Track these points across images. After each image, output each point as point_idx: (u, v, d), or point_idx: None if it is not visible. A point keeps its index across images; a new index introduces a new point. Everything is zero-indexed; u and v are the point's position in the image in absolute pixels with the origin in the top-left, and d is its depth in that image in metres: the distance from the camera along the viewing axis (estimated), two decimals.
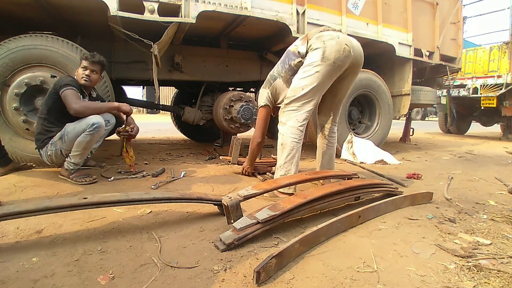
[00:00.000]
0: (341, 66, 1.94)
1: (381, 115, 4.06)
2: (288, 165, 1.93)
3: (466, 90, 7.37)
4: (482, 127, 8.88)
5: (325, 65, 1.88)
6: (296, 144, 1.93)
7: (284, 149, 1.94)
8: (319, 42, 1.91)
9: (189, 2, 2.66)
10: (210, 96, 4.07)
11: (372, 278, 1.08)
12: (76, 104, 2.11)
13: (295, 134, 1.93)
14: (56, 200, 1.40)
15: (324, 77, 1.91)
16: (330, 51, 1.87)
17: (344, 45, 1.89)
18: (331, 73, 1.93)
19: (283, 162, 1.94)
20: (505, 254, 1.27)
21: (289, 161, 1.93)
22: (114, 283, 1.01)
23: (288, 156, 1.92)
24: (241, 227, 1.30)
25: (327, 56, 1.87)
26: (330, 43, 1.88)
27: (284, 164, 1.94)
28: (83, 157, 2.23)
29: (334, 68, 1.91)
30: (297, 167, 1.96)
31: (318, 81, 1.90)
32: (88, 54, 2.30)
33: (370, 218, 1.63)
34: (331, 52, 1.87)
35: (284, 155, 1.93)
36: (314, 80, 1.89)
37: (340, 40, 1.90)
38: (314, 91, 1.92)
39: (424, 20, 4.34)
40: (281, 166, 1.95)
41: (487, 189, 2.40)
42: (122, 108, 2.34)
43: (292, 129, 1.93)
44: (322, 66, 1.88)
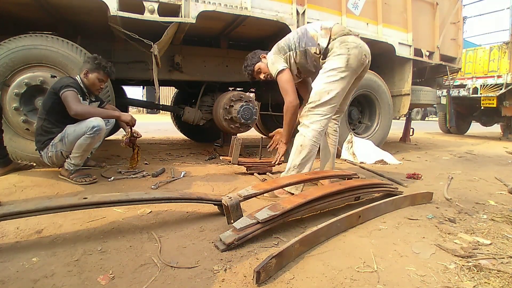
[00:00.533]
0: (357, 73, 2.04)
1: (381, 115, 4.06)
2: (302, 167, 1.98)
3: (466, 90, 7.37)
4: (482, 127, 8.88)
5: (349, 72, 1.97)
6: (315, 148, 1.99)
7: (303, 151, 1.96)
8: (343, 48, 1.96)
9: (189, 2, 2.66)
10: (210, 96, 4.07)
11: (372, 278, 1.08)
12: (78, 106, 2.11)
13: (316, 138, 1.97)
14: (56, 200, 1.40)
15: (347, 83, 2.00)
16: (354, 59, 1.95)
17: (364, 55, 1.99)
18: (351, 80, 2.02)
19: (299, 163, 1.97)
20: (505, 254, 1.27)
21: (305, 163, 1.98)
22: (114, 283, 1.01)
23: (305, 158, 1.97)
24: (241, 227, 1.30)
25: (351, 64, 1.95)
26: (354, 51, 1.95)
27: (299, 165, 1.97)
28: (83, 159, 2.23)
29: (354, 74, 2.01)
30: (310, 169, 2.01)
31: (342, 86, 1.97)
32: (108, 68, 2.31)
33: (370, 218, 1.63)
34: (354, 60, 1.96)
35: (302, 156, 1.96)
36: (339, 86, 1.96)
37: (362, 50, 1.99)
38: (338, 96, 1.99)
39: (424, 20, 4.34)
40: (296, 166, 1.98)
41: (487, 189, 2.40)
42: (122, 118, 2.34)
43: (314, 132, 1.96)
44: (346, 72, 1.96)
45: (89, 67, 2.27)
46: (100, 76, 2.29)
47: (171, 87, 7.11)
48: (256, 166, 2.70)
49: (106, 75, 2.34)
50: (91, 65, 2.27)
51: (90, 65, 2.27)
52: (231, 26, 3.34)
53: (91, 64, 2.27)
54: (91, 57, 2.33)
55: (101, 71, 2.29)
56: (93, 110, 2.27)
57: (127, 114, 2.39)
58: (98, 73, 2.28)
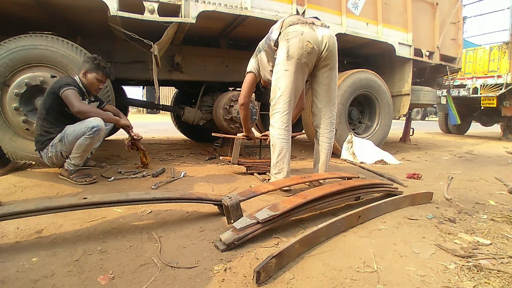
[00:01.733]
0: (307, 63, 1.97)
1: (381, 115, 4.06)
2: (280, 164, 2.05)
3: (466, 90, 7.37)
4: (482, 127, 8.88)
5: (292, 63, 1.94)
6: (286, 144, 2.04)
7: (275, 149, 2.05)
8: (283, 40, 1.97)
9: (189, 2, 2.66)
10: (210, 96, 4.07)
11: (372, 278, 1.08)
12: (80, 104, 2.13)
13: (282, 135, 2.03)
14: (56, 200, 1.40)
15: (294, 74, 1.96)
16: (293, 49, 1.92)
17: (307, 42, 1.92)
18: (300, 70, 1.97)
19: (276, 161, 2.06)
20: (505, 254, 1.27)
21: (281, 160, 2.04)
22: (114, 283, 1.01)
23: (279, 155, 2.04)
24: (241, 227, 1.30)
25: (291, 54, 1.93)
26: (293, 41, 1.92)
27: (277, 163, 2.05)
28: (83, 159, 2.23)
29: (301, 64, 1.95)
30: (288, 164, 2.06)
31: (290, 79, 1.95)
32: (107, 68, 2.32)
33: (370, 218, 1.63)
34: (294, 50, 1.92)
35: (276, 154, 2.05)
36: (285, 80, 1.96)
37: (303, 37, 1.92)
38: (289, 90, 1.98)
39: (424, 20, 4.34)
40: (274, 165, 2.07)
41: (487, 189, 2.40)
42: (120, 123, 2.39)
43: (279, 130, 2.03)
44: (289, 64, 1.94)
45: (88, 67, 2.26)
46: (98, 76, 2.28)
47: (171, 87, 7.10)
48: (256, 166, 2.69)
49: (105, 76, 2.33)
50: (90, 65, 2.26)
51: (89, 65, 2.26)
52: (231, 26, 3.34)
53: (90, 64, 2.26)
54: (90, 57, 2.32)
55: (100, 71, 2.28)
56: (95, 109, 2.28)
57: (124, 119, 2.42)
58: (97, 74, 2.27)
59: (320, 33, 1.97)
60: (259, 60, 2.25)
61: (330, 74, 2.09)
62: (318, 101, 2.16)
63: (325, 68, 2.06)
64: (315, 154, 2.28)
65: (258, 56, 2.25)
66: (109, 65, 2.35)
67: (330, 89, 2.12)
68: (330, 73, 2.08)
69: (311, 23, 2.00)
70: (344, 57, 4.64)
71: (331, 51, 2.01)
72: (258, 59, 2.26)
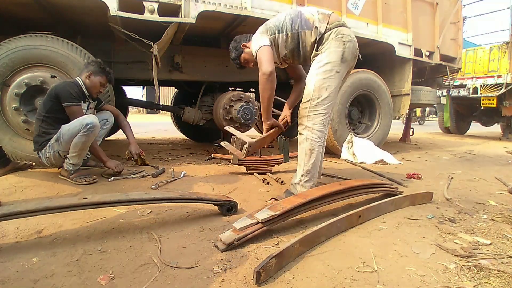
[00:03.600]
0: (350, 68, 2.00)
1: (381, 115, 4.06)
2: (314, 171, 1.90)
3: (466, 90, 7.37)
4: (482, 127, 8.88)
5: (344, 66, 1.91)
6: (322, 149, 1.94)
7: (312, 154, 1.88)
8: (339, 41, 1.89)
9: (189, 2, 2.66)
10: (210, 96, 4.07)
11: (372, 278, 1.08)
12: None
13: (322, 138, 1.91)
14: (56, 200, 1.40)
15: (342, 77, 1.95)
16: (349, 53, 1.90)
17: (356, 49, 1.96)
18: (345, 74, 1.97)
19: (311, 167, 1.89)
20: (505, 254, 1.27)
21: (315, 165, 1.90)
22: (114, 283, 1.01)
23: (315, 160, 1.89)
24: (241, 227, 1.30)
25: (346, 57, 1.90)
26: (349, 45, 1.90)
27: (312, 169, 1.89)
28: (81, 158, 2.23)
29: (347, 69, 1.96)
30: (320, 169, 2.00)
31: (338, 81, 1.92)
32: (111, 74, 2.42)
33: (370, 218, 1.63)
34: (349, 54, 1.91)
35: (312, 160, 1.88)
36: (335, 81, 1.89)
37: (355, 44, 1.95)
38: (335, 92, 1.91)
39: (424, 20, 4.34)
40: (306, 172, 1.89)
41: (487, 189, 2.40)
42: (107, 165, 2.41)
43: (319, 133, 1.89)
44: (341, 67, 1.90)
45: (93, 69, 2.32)
46: (102, 80, 2.37)
47: (171, 87, 7.10)
48: (256, 166, 2.69)
49: (108, 81, 2.44)
50: (95, 68, 2.33)
51: (94, 68, 2.33)
52: (231, 26, 3.34)
53: (95, 67, 2.33)
54: (95, 61, 2.39)
55: (104, 76, 2.37)
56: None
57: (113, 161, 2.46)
58: (101, 78, 2.36)
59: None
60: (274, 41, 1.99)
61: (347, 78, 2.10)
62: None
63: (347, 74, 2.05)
64: None
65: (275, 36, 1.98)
66: (112, 71, 2.48)
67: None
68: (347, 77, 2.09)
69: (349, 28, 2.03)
70: None
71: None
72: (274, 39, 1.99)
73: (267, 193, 2.11)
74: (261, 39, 1.95)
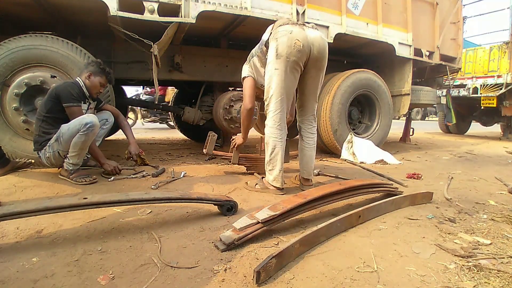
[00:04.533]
0: (297, 62, 1.96)
1: (381, 115, 4.06)
2: (273, 161, 2.07)
3: (466, 90, 7.36)
4: (482, 127, 8.88)
5: (281, 62, 1.94)
6: (278, 142, 2.06)
7: (268, 147, 2.08)
8: (273, 39, 1.98)
9: (189, 2, 2.66)
10: (210, 96, 4.07)
11: (372, 278, 1.08)
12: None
13: (275, 133, 2.05)
14: (56, 200, 1.40)
15: (285, 73, 1.96)
16: (282, 47, 1.92)
17: (295, 40, 1.92)
18: (290, 69, 1.96)
19: (269, 158, 2.09)
20: (505, 254, 1.27)
21: (274, 158, 2.07)
22: (114, 283, 1.01)
23: (272, 153, 2.07)
24: (241, 227, 1.30)
25: (280, 53, 1.93)
26: (281, 39, 1.93)
27: (270, 160, 2.08)
28: (81, 157, 2.23)
29: (290, 63, 1.94)
30: (281, 162, 2.08)
31: (281, 78, 1.96)
32: (111, 74, 2.43)
33: (370, 218, 1.63)
34: (283, 48, 1.92)
35: (269, 152, 2.08)
36: (277, 78, 1.97)
37: (292, 36, 1.92)
38: (280, 88, 1.98)
39: (424, 20, 4.34)
40: (267, 162, 2.11)
41: (487, 189, 2.40)
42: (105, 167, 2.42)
43: (271, 129, 2.05)
44: (278, 63, 1.94)
45: (93, 70, 2.33)
46: (102, 80, 2.38)
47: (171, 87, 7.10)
48: (256, 166, 2.69)
49: (108, 81, 2.44)
50: (95, 68, 2.34)
51: (94, 68, 2.34)
52: (231, 26, 3.34)
53: (95, 68, 2.34)
54: (95, 62, 2.40)
55: (104, 76, 2.38)
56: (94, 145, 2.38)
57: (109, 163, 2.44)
58: (101, 78, 2.37)
59: (309, 33, 1.98)
60: (253, 65, 2.26)
61: (318, 75, 2.10)
62: (303, 99, 2.20)
63: (314, 69, 2.06)
64: (300, 151, 2.28)
65: (252, 61, 2.26)
66: (112, 71, 2.50)
67: (316, 89, 2.17)
68: (318, 74, 2.10)
69: (301, 24, 2.04)
70: (344, 57, 4.64)
71: (321, 52, 2.01)
72: (251, 65, 2.27)
73: (267, 193, 2.11)
74: (244, 69, 2.29)
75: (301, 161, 2.26)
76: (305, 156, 2.23)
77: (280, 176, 2.07)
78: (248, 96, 2.25)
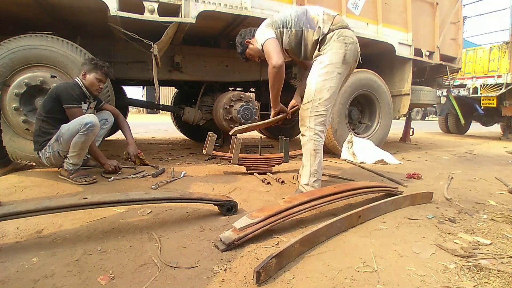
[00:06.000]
0: (350, 70, 2.00)
1: (381, 115, 4.06)
2: (320, 170, 1.95)
3: (466, 90, 7.37)
4: (482, 127, 8.88)
5: (345, 68, 1.93)
6: (322, 149, 1.96)
7: (317, 154, 1.92)
8: (341, 43, 1.89)
9: (189, 2, 2.66)
10: (210, 96, 4.07)
11: (372, 278, 1.08)
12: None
13: (323, 138, 1.95)
14: (56, 200, 1.40)
15: (342, 79, 1.96)
16: (350, 55, 1.91)
17: (357, 51, 1.97)
18: (346, 76, 1.98)
19: (317, 167, 1.93)
20: (505, 254, 1.27)
21: (320, 166, 1.95)
22: (114, 283, 1.01)
23: (320, 161, 1.94)
24: (241, 227, 1.30)
25: (347, 59, 1.91)
26: (351, 47, 1.91)
27: (318, 168, 1.93)
28: (81, 157, 2.23)
29: (348, 71, 1.97)
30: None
31: (339, 82, 1.93)
32: (105, 67, 2.38)
33: (370, 218, 1.63)
34: (350, 56, 1.92)
35: (318, 160, 1.92)
36: (336, 82, 1.91)
37: (357, 46, 1.96)
38: (336, 93, 1.93)
39: (424, 20, 4.34)
40: (316, 171, 1.93)
41: (487, 189, 2.40)
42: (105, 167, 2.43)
43: (321, 134, 1.92)
44: (342, 68, 1.91)
45: (86, 68, 2.33)
46: (98, 76, 2.34)
47: (171, 87, 7.10)
48: (256, 165, 2.69)
49: (104, 75, 2.39)
50: (88, 66, 2.33)
51: (87, 66, 2.33)
52: (231, 26, 3.34)
53: (88, 65, 2.33)
54: (88, 59, 2.40)
55: (98, 71, 2.34)
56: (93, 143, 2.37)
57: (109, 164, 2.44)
58: (96, 73, 2.33)
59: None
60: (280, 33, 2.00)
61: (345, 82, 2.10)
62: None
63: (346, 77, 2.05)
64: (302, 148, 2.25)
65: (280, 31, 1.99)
66: (107, 64, 2.41)
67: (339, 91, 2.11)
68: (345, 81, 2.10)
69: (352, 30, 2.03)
70: None
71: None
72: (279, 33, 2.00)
73: (267, 193, 2.11)
74: (267, 32, 1.96)
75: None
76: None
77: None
78: (277, 52, 1.88)
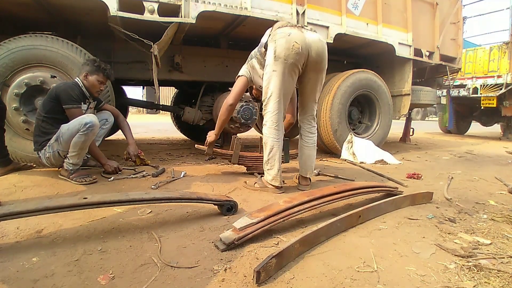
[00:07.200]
0: (295, 64, 1.97)
1: (381, 115, 4.06)
2: (271, 161, 2.09)
3: (466, 90, 7.37)
4: (482, 127, 8.88)
5: (279, 64, 1.95)
6: (276, 143, 2.08)
7: (267, 147, 2.10)
8: (271, 42, 1.99)
9: (189, 2, 2.66)
10: (210, 96, 4.07)
11: (372, 278, 1.08)
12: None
13: (273, 133, 2.07)
14: (56, 200, 1.40)
15: (283, 75, 1.97)
16: (280, 49, 1.93)
17: (294, 42, 1.92)
18: (288, 71, 1.97)
19: (267, 158, 2.11)
20: (505, 254, 1.27)
21: (272, 157, 2.09)
22: (114, 283, 1.01)
23: (270, 153, 2.09)
24: (241, 226, 1.30)
25: (278, 55, 1.94)
26: (280, 41, 1.94)
27: (268, 160, 2.10)
28: (81, 157, 2.23)
29: (288, 65, 1.95)
30: (279, 162, 2.11)
31: (279, 80, 1.97)
32: (107, 70, 2.38)
33: (370, 218, 1.63)
34: (281, 50, 1.93)
35: (267, 152, 2.10)
36: (275, 80, 1.98)
37: (290, 38, 1.93)
38: (278, 90, 2.00)
39: (424, 20, 4.34)
40: (266, 161, 2.13)
41: (487, 189, 2.40)
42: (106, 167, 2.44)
43: (269, 129, 2.07)
44: (276, 65, 1.95)
45: (88, 69, 2.32)
46: (99, 78, 2.34)
47: (171, 87, 7.10)
48: (256, 165, 2.69)
49: (106, 77, 2.40)
50: (90, 67, 2.32)
51: (89, 67, 2.32)
52: (231, 26, 3.34)
53: (90, 66, 2.32)
54: (90, 60, 2.38)
55: (100, 73, 2.34)
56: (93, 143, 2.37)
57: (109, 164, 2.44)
58: (98, 75, 2.33)
59: (308, 35, 1.99)
60: (251, 66, 2.28)
61: (317, 77, 2.11)
62: (302, 100, 2.22)
63: (313, 71, 2.07)
64: (299, 150, 2.29)
65: (250, 63, 2.29)
66: (108, 66, 2.42)
67: (315, 90, 2.17)
68: (317, 76, 2.10)
69: (300, 26, 2.05)
70: (344, 57, 4.64)
71: (320, 55, 2.02)
72: (250, 66, 2.29)
73: (267, 193, 2.11)
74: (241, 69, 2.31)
75: (300, 160, 2.27)
76: (303, 155, 2.24)
77: (279, 175, 2.09)
78: (235, 93, 2.28)
